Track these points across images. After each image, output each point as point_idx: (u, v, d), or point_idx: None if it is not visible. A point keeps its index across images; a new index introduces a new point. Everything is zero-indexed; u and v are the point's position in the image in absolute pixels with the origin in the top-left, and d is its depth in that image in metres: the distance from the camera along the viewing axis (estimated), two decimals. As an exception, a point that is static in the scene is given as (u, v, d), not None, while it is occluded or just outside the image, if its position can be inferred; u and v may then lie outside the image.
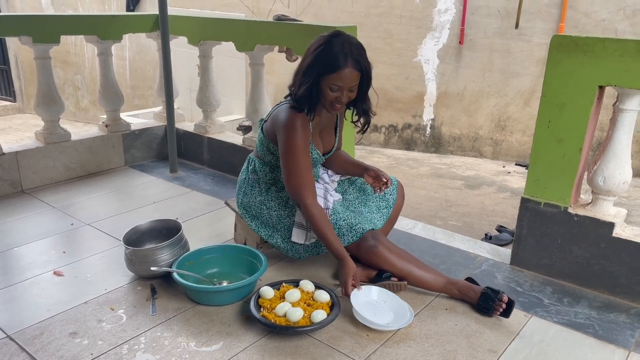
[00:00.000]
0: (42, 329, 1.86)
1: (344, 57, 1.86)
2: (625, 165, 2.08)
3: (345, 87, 1.90)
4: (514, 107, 5.54)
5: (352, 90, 1.93)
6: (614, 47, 1.95)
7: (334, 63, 1.86)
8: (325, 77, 1.89)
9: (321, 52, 1.89)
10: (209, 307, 1.99)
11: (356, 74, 1.90)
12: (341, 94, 1.91)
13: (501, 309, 1.91)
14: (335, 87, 1.90)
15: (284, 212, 2.14)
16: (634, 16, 4.81)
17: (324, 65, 1.88)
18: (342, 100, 1.93)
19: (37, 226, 2.68)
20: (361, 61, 1.89)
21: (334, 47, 1.87)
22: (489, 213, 4.11)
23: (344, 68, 1.86)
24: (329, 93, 1.92)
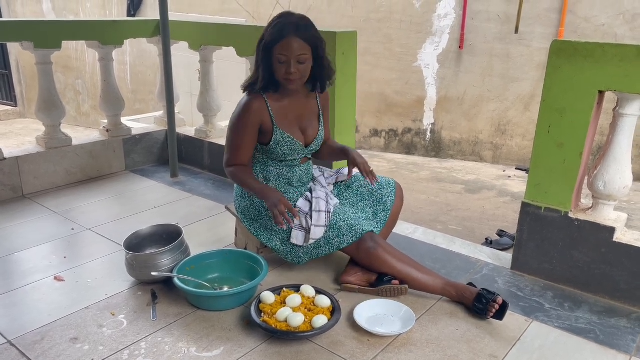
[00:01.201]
0: (42, 335, 1.86)
1: (289, 27, 1.93)
2: (625, 170, 2.08)
3: (292, 56, 1.94)
4: (514, 112, 5.55)
5: (302, 61, 1.97)
6: (614, 52, 1.95)
7: (280, 33, 1.93)
8: (273, 48, 1.95)
9: (269, 27, 1.99)
10: (209, 312, 1.99)
11: (302, 44, 1.94)
12: (289, 66, 1.95)
13: (494, 310, 1.91)
14: (282, 57, 1.95)
15: None
16: (634, 21, 4.83)
17: (271, 37, 1.95)
18: (291, 71, 1.95)
19: (38, 231, 2.68)
20: (308, 32, 1.95)
21: (280, 20, 1.96)
22: (489, 217, 4.11)
23: (288, 37, 1.92)
24: (279, 66, 1.97)
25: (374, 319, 1.93)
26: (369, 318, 1.93)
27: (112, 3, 8.00)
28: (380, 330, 1.86)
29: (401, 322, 1.92)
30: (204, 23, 3.55)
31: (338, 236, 2.06)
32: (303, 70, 2.00)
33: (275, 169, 2.19)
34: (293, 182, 2.21)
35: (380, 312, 1.97)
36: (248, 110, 2.06)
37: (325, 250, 2.11)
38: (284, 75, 1.98)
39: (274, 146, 2.11)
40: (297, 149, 2.16)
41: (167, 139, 3.58)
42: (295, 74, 1.97)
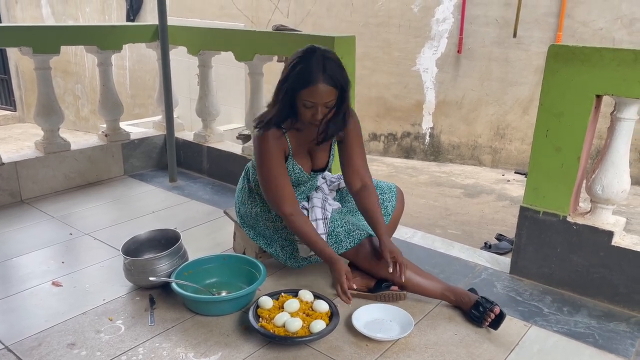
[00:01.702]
0: (40, 340, 1.85)
1: (317, 73, 1.81)
2: (623, 174, 2.09)
3: (319, 102, 1.84)
4: (512, 116, 5.56)
5: (329, 106, 1.87)
6: (611, 56, 1.96)
7: (307, 78, 1.82)
8: (299, 93, 1.84)
9: (294, 68, 1.85)
10: (207, 317, 1.98)
11: (330, 90, 1.83)
12: (316, 111, 1.86)
13: (489, 319, 1.90)
14: (308, 103, 1.85)
15: (280, 224, 2.13)
16: (631, 25, 4.84)
17: (297, 82, 1.84)
18: (317, 117, 1.87)
19: (36, 236, 2.68)
20: (335, 76, 1.84)
21: (308, 62, 1.83)
22: (488, 221, 4.11)
23: (317, 84, 1.81)
24: (304, 110, 1.87)
25: (372, 324, 1.93)
26: (367, 323, 1.93)
27: (111, 8, 8.02)
28: (379, 335, 1.85)
29: (400, 327, 1.91)
30: (203, 28, 3.56)
31: (336, 242, 2.05)
32: (329, 113, 1.90)
33: None
34: (297, 195, 2.17)
35: (378, 316, 1.97)
36: (270, 141, 1.95)
37: (323, 256, 2.10)
38: (310, 119, 1.89)
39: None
40: (303, 180, 2.13)
41: (165, 143, 3.58)
42: (322, 118, 1.89)
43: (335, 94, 1.86)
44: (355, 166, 2.10)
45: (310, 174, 2.14)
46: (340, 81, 1.85)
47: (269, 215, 2.16)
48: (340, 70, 1.86)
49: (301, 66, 1.84)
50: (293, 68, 1.86)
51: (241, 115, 5.99)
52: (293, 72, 1.85)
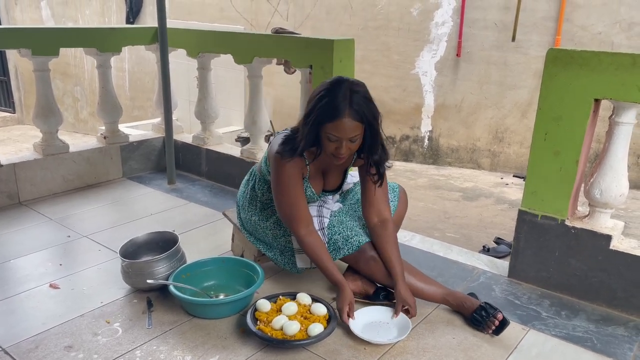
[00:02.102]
0: (37, 343, 1.85)
1: (343, 107, 1.76)
2: (621, 178, 2.09)
3: (344, 137, 1.79)
4: (511, 119, 5.56)
5: (354, 141, 1.81)
6: (609, 60, 1.96)
7: (331, 113, 1.77)
8: (323, 126, 1.80)
9: (320, 100, 1.80)
10: (205, 320, 1.98)
11: (356, 125, 1.78)
12: (340, 145, 1.80)
13: (494, 326, 1.90)
14: (333, 137, 1.79)
15: (279, 232, 2.13)
16: (630, 29, 4.86)
17: (322, 114, 1.78)
18: (342, 152, 1.81)
19: (34, 238, 2.67)
20: (362, 111, 1.78)
21: (334, 95, 1.78)
22: (486, 225, 4.11)
23: (342, 118, 1.76)
24: (328, 143, 1.83)
25: (369, 326, 1.93)
26: (364, 325, 1.92)
27: (111, 10, 8.02)
28: (377, 339, 1.85)
29: (397, 329, 1.91)
30: (202, 30, 3.56)
31: (335, 249, 2.04)
32: (354, 147, 1.85)
33: None
34: None
35: (376, 319, 1.97)
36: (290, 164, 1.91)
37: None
38: (333, 151, 1.84)
39: None
40: (311, 200, 2.10)
41: (164, 145, 3.58)
42: (345, 153, 1.83)
43: (361, 129, 1.81)
44: (373, 199, 2.04)
45: (320, 194, 2.12)
46: (366, 115, 1.79)
47: (267, 223, 2.15)
48: (367, 103, 1.80)
49: (327, 99, 1.78)
50: (319, 100, 1.80)
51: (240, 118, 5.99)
52: (319, 104, 1.79)
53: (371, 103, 1.83)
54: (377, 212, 2.05)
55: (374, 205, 2.04)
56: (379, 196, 2.04)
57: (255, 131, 3.34)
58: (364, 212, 2.08)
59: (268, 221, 2.15)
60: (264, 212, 2.17)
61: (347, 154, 1.84)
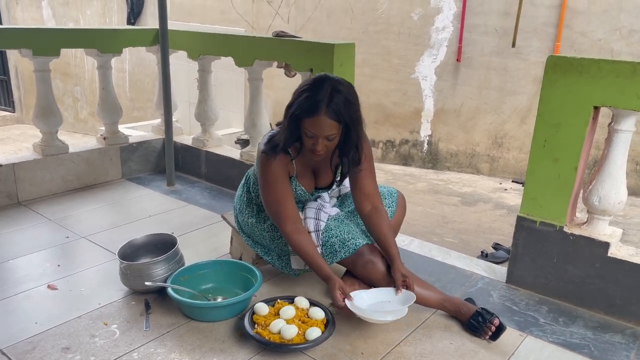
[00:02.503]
0: (34, 344, 1.84)
1: (321, 104, 1.78)
2: (620, 185, 2.09)
3: (320, 135, 1.81)
4: (510, 125, 5.57)
5: (331, 139, 1.84)
6: (609, 68, 1.97)
7: (309, 109, 1.79)
8: (302, 121, 1.83)
9: (301, 94, 1.83)
10: (203, 323, 1.98)
11: (332, 124, 1.79)
12: (316, 141, 1.83)
13: (490, 332, 1.90)
14: (309, 133, 1.82)
15: (276, 234, 2.12)
16: (630, 36, 4.87)
17: (301, 109, 1.81)
18: (318, 148, 1.84)
19: (33, 238, 2.67)
20: (340, 111, 1.79)
21: (315, 92, 1.80)
22: (485, 230, 4.11)
23: (318, 115, 1.78)
24: (306, 138, 1.86)
25: (373, 307, 1.92)
26: (368, 306, 1.92)
27: (112, 11, 8.03)
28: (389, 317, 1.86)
29: (401, 304, 1.90)
30: (203, 33, 3.57)
31: (331, 252, 2.04)
32: (331, 145, 1.88)
33: None
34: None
35: (377, 299, 1.95)
36: (275, 163, 1.95)
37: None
38: (311, 147, 1.87)
39: None
40: (304, 199, 2.13)
41: (164, 147, 3.58)
42: (321, 150, 1.86)
43: (338, 129, 1.82)
44: (366, 189, 2.06)
45: (313, 192, 2.13)
46: (344, 116, 1.80)
47: (264, 225, 2.15)
48: (348, 105, 1.81)
49: (307, 94, 1.81)
50: (300, 95, 1.83)
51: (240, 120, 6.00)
52: (299, 99, 1.82)
53: (352, 105, 1.83)
54: (368, 201, 2.06)
55: (366, 195, 2.06)
56: (371, 185, 2.07)
57: (255, 134, 3.34)
58: (355, 201, 2.09)
59: (265, 223, 2.15)
60: (260, 215, 2.17)
61: (323, 151, 1.86)
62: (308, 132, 1.83)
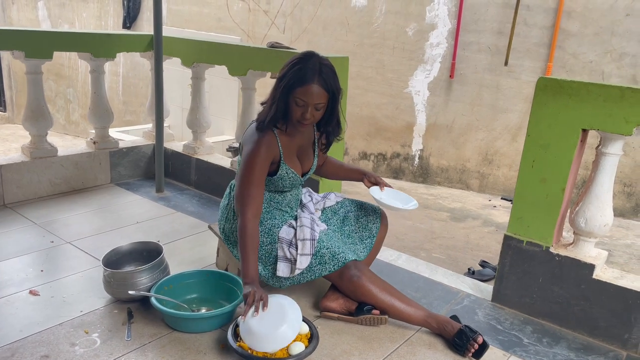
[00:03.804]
0: (13, 351, 1.81)
1: (312, 74, 1.93)
2: (606, 208, 2.11)
3: (310, 103, 1.94)
4: (501, 142, 5.62)
5: (318, 108, 1.97)
6: (598, 92, 1.99)
7: (302, 78, 1.93)
8: (293, 91, 1.94)
9: (292, 67, 1.97)
10: (185, 334, 1.95)
11: (322, 92, 1.94)
12: (306, 110, 1.95)
13: (473, 350, 1.90)
14: (300, 101, 1.94)
15: (266, 240, 2.12)
16: (621, 59, 4.94)
17: (293, 80, 1.94)
18: (307, 117, 1.96)
19: (17, 242, 2.64)
20: (329, 81, 1.96)
21: (305, 63, 1.95)
22: (473, 247, 4.12)
23: (311, 84, 1.92)
24: (295, 108, 1.97)
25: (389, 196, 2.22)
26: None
27: (108, 14, 8.03)
28: (400, 205, 2.18)
29: (401, 203, 2.20)
30: (197, 40, 3.57)
31: (320, 264, 2.04)
32: (318, 115, 2.00)
33: (268, 194, 2.18)
34: (282, 206, 2.20)
35: (377, 197, 2.20)
36: (263, 146, 2.01)
37: (307, 277, 2.09)
38: (299, 117, 1.97)
39: (278, 180, 2.10)
40: (296, 182, 2.16)
41: (154, 153, 3.57)
42: (310, 119, 1.97)
43: (326, 98, 1.97)
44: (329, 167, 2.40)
45: (302, 177, 2.21)
46: (332, 86, 1.97)
47: None
48: (333, 77, 1.98)
49: (299, 66, 1.95)
50: (292, 67, 1.96)
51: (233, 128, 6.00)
52: (291, 70, 1.95)
53: (337, 78, 2.00)
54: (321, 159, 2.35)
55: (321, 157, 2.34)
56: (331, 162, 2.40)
57: (246, 143, 3.33)
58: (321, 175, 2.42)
59: None
60: None
61: (311, 120, 1.99)
62: (299, 100, 1.95)
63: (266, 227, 2.12)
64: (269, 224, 2.13)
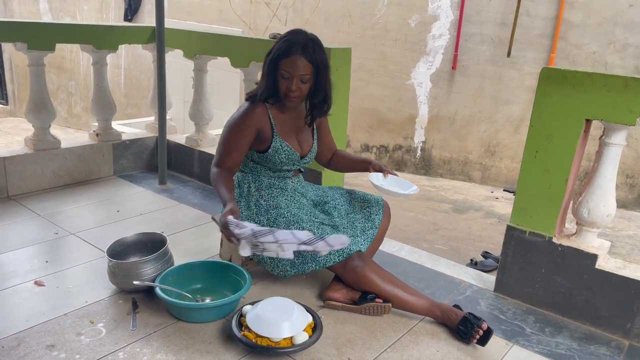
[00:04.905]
0: (19, 340, 1.83)
1: (297, 46, 1.99)
2: (609, 198, 2.11)
3: (295, 74, 1.99)
4: (503, 134, 5.61)
5: (304, 81, 2.02)
6: (602, 82, 1.99)
7: (287, 50, 1.99)
8: (279, 63, 2.01)
9: (279, 41, 2.04)
10: (190, 323, 1.97)
11: (306, 64, 2.00)
12: (291, 82, 2.00)
13: (478, 336, 1.92)
14: (286, 73, 2.00)
15: (273, 227, 2.13)
16: (624, 50, 4.92)
17: (279, 52, 2.01)
18: (292, 89, 2.00)
19: (21, 234, 2.65)
20: (313, 54, 2.00)
21: (292, 37, 2.02)
22: (475, 238, 4.13)
23: (294, 55, 1.98)
24: (282, 81, 2.02)
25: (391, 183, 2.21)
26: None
27: (109, 7, 8.00)
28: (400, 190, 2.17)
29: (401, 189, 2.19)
30: (200, 32, 3.56)
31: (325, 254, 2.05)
32: (304, 89, 2.05)
33: (267, 179, 2.20)
34: (287, 189, 2.22)
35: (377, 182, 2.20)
36: (249, 114, 2.10)
37: (311, 267, 2.10)
38: (285, 90, 2.03)
39: (272, 154, 2.13)
40: (294, 159, 2.18)
41: (157, 145, 3.57)
42: (295, 91, 2.03)
43: (311, 70, 2.02)
44: (326, 141, 2.38)
45: (303, 159, 2.23)
46: (317, 59, 2.01)
47: (260, 218, 2.16)
48: (320, 50, 2.03)
49: (285, 39, 2.03)
50: (279, 41, 2.04)
51: (234, 121, 5.99)
52: (278, 44, 2.03)
53: (323, 53, 2.05)
54: (329, 150, 2.41)
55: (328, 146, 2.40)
56: (330, 139, 2.41)
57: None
58: (319, 154, 2.38)
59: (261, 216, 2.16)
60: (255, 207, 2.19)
61: (297, 94, 2.03)
62: (284, 72, 2.01)
63: (272, 216, 2.14)
64: (275, 212, 2.14)
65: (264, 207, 2.18)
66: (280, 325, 1.80)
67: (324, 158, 2.42)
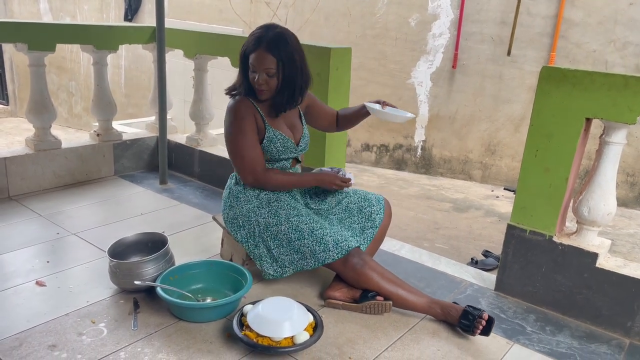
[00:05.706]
0: (21, 340, 1.83)
1: (263, 40, 2.01)
2: (609, 197, 2.11)
3: (259, 68, 2.02)
4: (504, 133, 5.61)
5: (270, 74, 2.03)
6: (602, 80, 1.99)
7: (253, 44, 2.03)
8: (248, 57, 2.05)
9: (250, 36, 2.07)
10: (191, 323, 1.97)
11: (270, 58, 2.01)
12: (256, 75, 2.04)
13: (481, 327, 1.92)
14: (252, 67, 2.04)
15: (273, 220, 2.13)
16: (624, 48, 4.92)
17: (247, 46, 2.06)
18: (258, 81, 2.04)
19: (22, 234, 2.65)
20: (279, 47, 2.01)
21: (258, 32, 2.05)
22: (476, 237, 4.13)
23: (259, 49, 2.01)
24: (251, 74, 2.06)
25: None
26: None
27: (109, 7, 8.01)
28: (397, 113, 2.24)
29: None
30: (200, 32, 3.56)
31: (324, 251, 2.06)
32: (272, 82, 2.06)
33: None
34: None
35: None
36: (239, 109, 2.12)
37: (310, 264, 2.10)
38: (254, 83, 2.08)
39: (267, 144, 2.14)
40: (290, 147, 2.19)
41: (157, 145, 3.57)
42: (262, 84, 2.05)
43: (274, 63, 2.02)
44: (325, 112, 2.40)
45: (299, 145, 2.24)
46: (281, 53, 2.02)
47: (262, 211, 2.16)
48: (285, 45, 2.03)
49: (254, 34, 2.06)
50: (250, 36, 2.07)
51: (235, 120, 5.99)
52: (247, 39, 2.07)
53: (288, 45, 2.04)
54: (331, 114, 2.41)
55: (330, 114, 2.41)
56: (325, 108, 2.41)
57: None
58: (325, 125, 2.42)
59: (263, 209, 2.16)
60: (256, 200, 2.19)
61: (265, 87, 2.06)
62: (251, 66, 2.05)
63: (273, 209, 2.15)
64: (275, 205, 2.16)
65: (265, 200, 2.18)
66: (281, 325, 1.80)
67: (332, 126, 2.43)
